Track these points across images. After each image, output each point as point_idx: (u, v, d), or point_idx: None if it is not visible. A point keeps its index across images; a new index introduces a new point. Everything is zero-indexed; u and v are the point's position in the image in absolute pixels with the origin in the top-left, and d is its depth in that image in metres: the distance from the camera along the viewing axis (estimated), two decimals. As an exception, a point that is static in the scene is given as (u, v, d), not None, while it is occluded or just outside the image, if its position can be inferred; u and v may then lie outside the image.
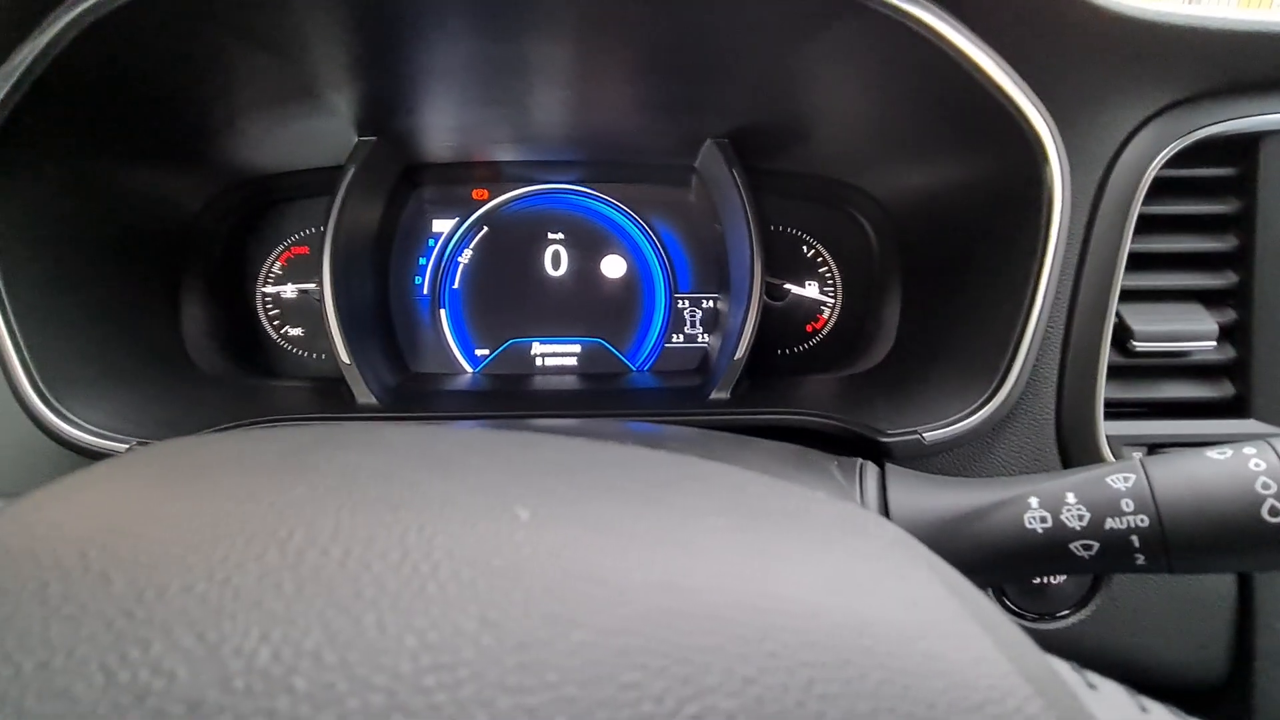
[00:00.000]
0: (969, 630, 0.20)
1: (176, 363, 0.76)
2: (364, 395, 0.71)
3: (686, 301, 0.90)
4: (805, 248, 0.90)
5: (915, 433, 0.63)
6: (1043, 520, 0.46)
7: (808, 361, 0.88)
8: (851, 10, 0.51)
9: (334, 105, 0.70)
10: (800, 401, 0.73)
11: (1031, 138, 0.58)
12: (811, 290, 0.90)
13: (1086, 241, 0.64)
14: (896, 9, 0.51)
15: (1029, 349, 0.61)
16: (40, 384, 0.59)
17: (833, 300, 0.90)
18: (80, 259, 0.65)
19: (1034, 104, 0.57)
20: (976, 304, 0.67)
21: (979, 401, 0.63)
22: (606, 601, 0.17)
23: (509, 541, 0.18)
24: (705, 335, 0.90)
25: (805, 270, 0.89)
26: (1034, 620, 0.67)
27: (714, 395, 0.73)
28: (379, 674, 0.15)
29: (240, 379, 0.79)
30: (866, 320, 0.87)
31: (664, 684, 0.15)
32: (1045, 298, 0.61)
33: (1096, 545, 0.45)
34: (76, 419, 0.60)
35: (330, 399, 0.74)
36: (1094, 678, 0.24)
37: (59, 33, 0.50)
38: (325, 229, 0.74)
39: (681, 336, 0.90)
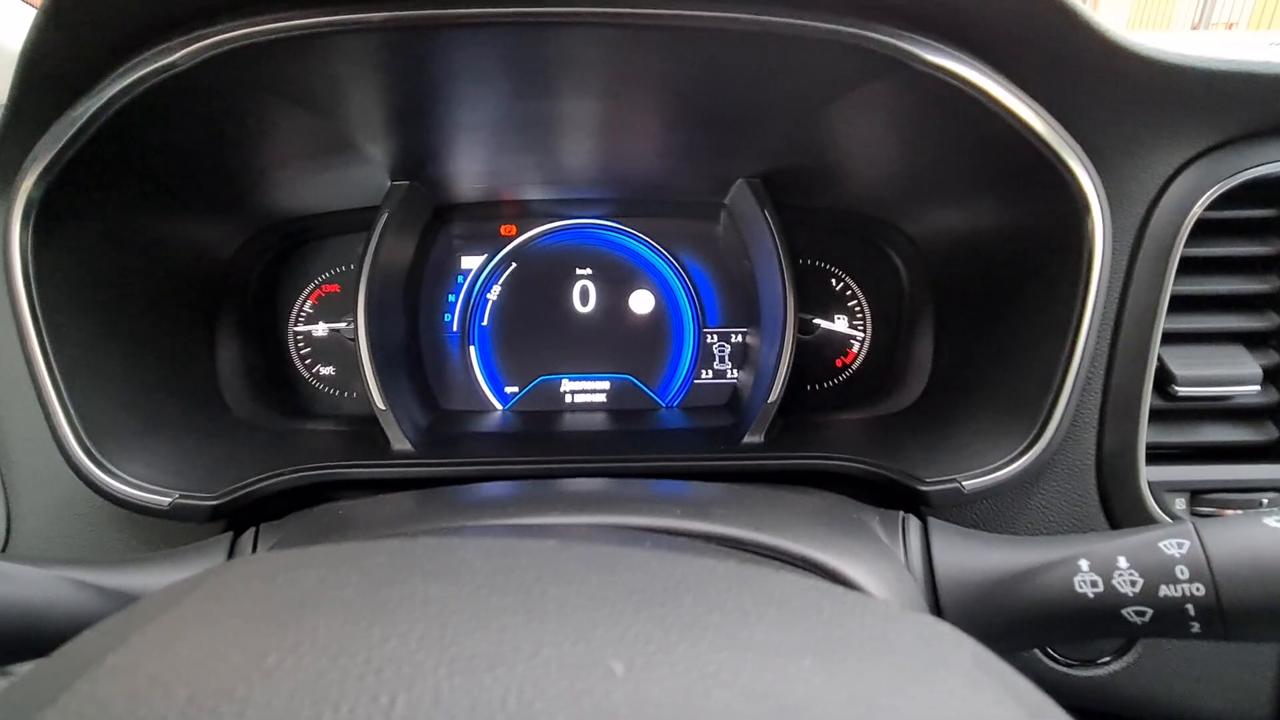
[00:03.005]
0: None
1: (212, 409, 0.76)
2: (399, 441, 0.71)
3: (715, 336, 0.90)
4: (834, 281, 0.90)
5: (955, 481, 0.62)
6: (1094, 584, 0.46)
7: (838, 397, 0.88)
8: (893, 68, 0.51)
9: (370, 155, 0.71)
10: (833, 444, 0.73)
11: (1072, 185, 0.58)
12: (841, 325, 0.89)
13: (1127, 284, 0.64)
14: (938, 67, 0.51)
15: (1071, 394, 0.61)
16: (85, 439, 0.59)
17: (862, 335, 0.89)
18: (121, 310, 0.66)
19: (1075, 152, 0.57)
20: (1015, 346, 0.66)
21: (1020, 448, 0.62)
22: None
23: (608, 701, 0.18)
24: (734, 370, 0.90)
25: (834, 304, 0.89)
26: (1075, 667, 0.66)
27: (748, 439, 0.73)
28: None
29: (274, 422, 0.80)
30: (897, 356, 0.86)
31: None
32: (1087, 342, 0.60)
33: (1150, 612, 0.44)
34: (119, 472, 0.60)
35: (365, 444, 0.74)
36: None
37: (116, 95, 0.51)
38: (360, 272, 0.74)
39: (710, 372, 0.90)
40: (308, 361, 0.88)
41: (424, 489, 0.60)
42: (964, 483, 0.62)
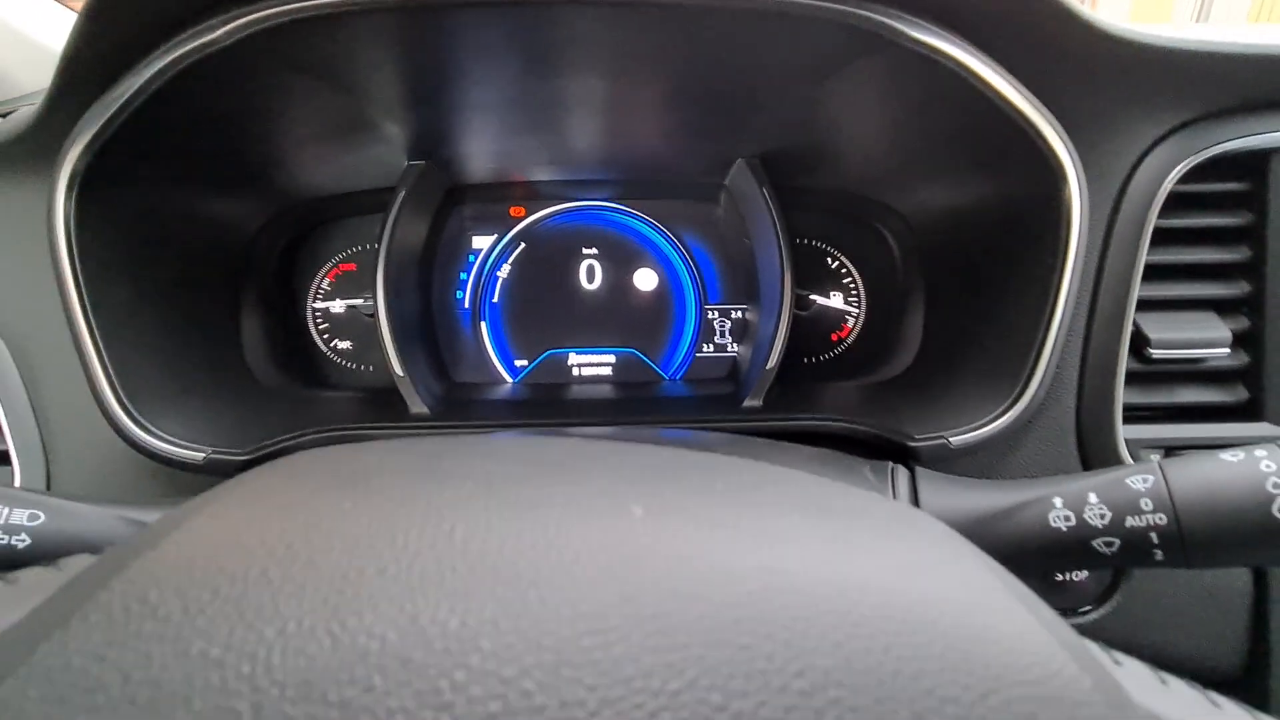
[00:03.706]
0: (1014, 607, 0.23)
1: (239, 376, 0.80)
2: (417, 405, 0.75)
3: (716, 312, 0.94)
4: (830, 260, 0.93)
5: (942, 437, 0.66)
6: (1066, 519, 0.50)
7: (832, 369, 0.92)
8: (880, 46, 0.55)
9: (387, 133, 0.74)
10: (828, 407, 0.77)
11: (1051, 159, 0.61)
12: (836, 301, 0.93)
13: (1104, 253, 0.68)
14: (924, 44, 0.54)
15: (1050, 356, 0.65)
16: (124, 398, 0.63)
17: (857, 310, 0.93)
18: (155, 280, 0.70)
19: (1053, 127, 0.60)
20: (999, 314, 0.70)
21: (1003, 407, 0.66)
22: (720, 581, 0.21)
23: (632, 533, 0.22)
24: (734, 345, 0.94)
25: (830, 281, 0.93)
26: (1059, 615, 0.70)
27: (747, 402, 0.77)
28: (547, 636, 0.19)
29: (296, 390, 0.84)
30: (889, 329, 0.90)
31: (772, 646, 0.19)
32: (1065, 308, 0.64)
33: (1118, 542, 0.48)
34: (155, 429, 0.64)
35: (384, 409, 0.78)
36: (1119, 655, 0.28)
37: (157, 72, 0.55)
38: (379, 249, 0.78)
39: (711, 346, 0.94)
40: (326, 336, 0.92)
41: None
42: (951, 438, 0.66)
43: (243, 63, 0.57)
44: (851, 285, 0.94)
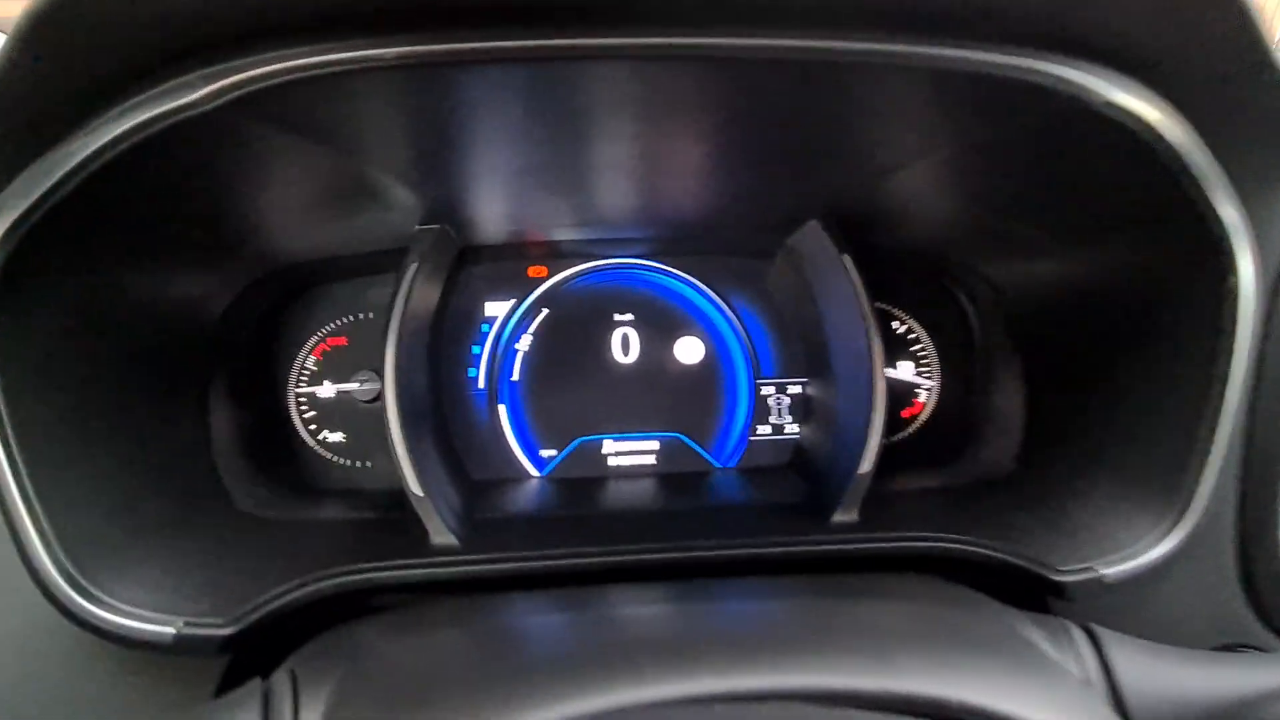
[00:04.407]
0: None
1: (211, 500, 0.65)
2: (440, 534, 0.60)
3: (772, 387, 0.82)
4: (895, 323, 0.82)
5: (1091, 568, 0.55)
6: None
7: (909, 455, 0.80)
8: (1047, 102, 0.43)
9: (396, 199, 0.60)
10: (930, 518, 0.65)
11: (1216, 226, 0.51)
12: (905, 372, 0.82)
13: (1265, 336, 0.57)
14: (1117, 106, 0.43)
15: (1217, 462, 0.54)
16: (64, 559, 0.47)
17: (930, 383, 0.82)
18: (99, 390, 0.54)
19: (1225, 188, 0.50)
20: (1139, 407, 0.59)
21: (1162, 526, 0.55)
22: None
23: None
24: (794, 424, 0.82)
25: (897, 349, 0.82)
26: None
27: (839, 517, 0.64)
28: None
29: (283, 508, 0.68)
30: (974, 408, 0.79)
31: None
32: (1234, 401, 0.53)
33: None
34: (108, 598, 0.49)
35: (395, 534, 0.63)
36: None
37: (113, 140, 0.40)
38: (389, 324, 0.63)
39: (768, 427, 0.82)
40: (313, 428, 0.77)
41: (480, 623, 0.50)
42: (1103, 570, 0.55)
43: (223, 124, 0.42)
44: (923, 354, 0.82)
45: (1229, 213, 0.50)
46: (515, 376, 0.80)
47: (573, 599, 0.52)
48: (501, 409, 0.79)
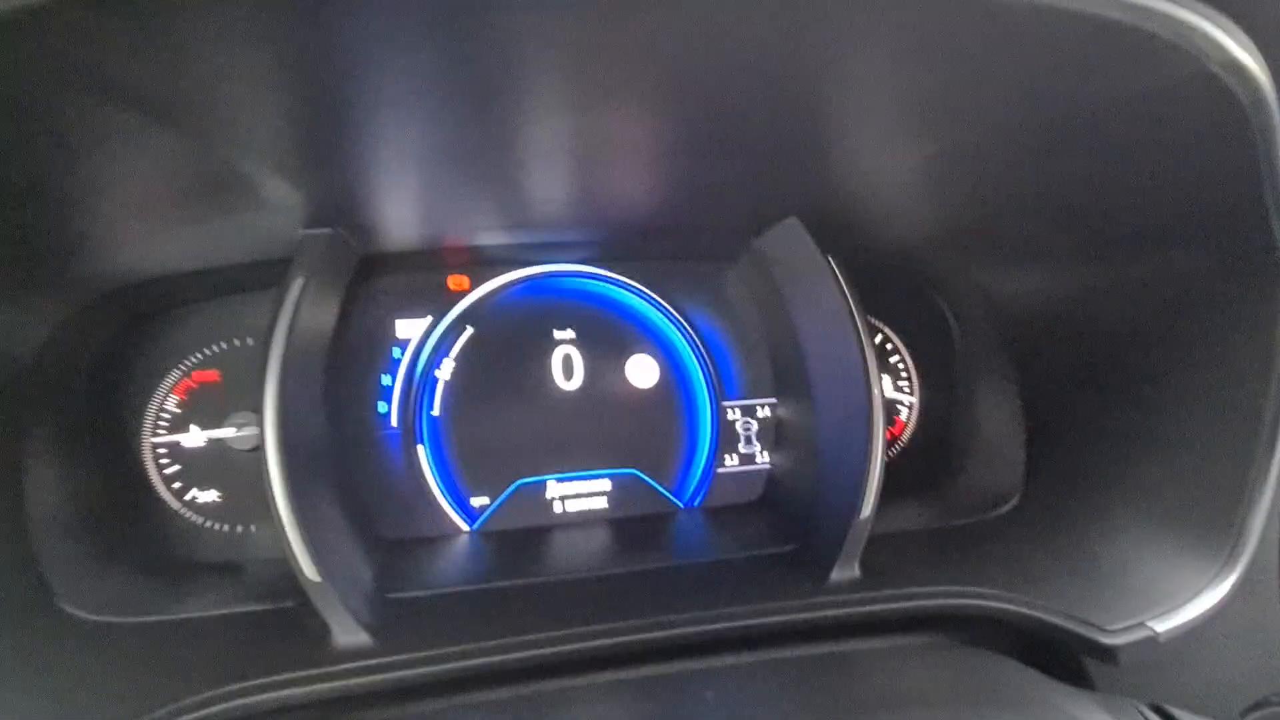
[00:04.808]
0: None
1: (37, 612, 0.48)
2: (346, 630, 0.46)
3: (738, 410, 0.71)
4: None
5: (1143, 625, 0.47)
6: None
7: (892, 480, 0.70)
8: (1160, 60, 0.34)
9: (274, 197, 0.46)
10: (934, 564, 0.56)
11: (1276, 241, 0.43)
12: (885, 387, 0.73)
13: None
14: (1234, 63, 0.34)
15: (1269, 494, 0.47)
16: None
17: (910, 400, 0.73)
18: None
19: None
20: (1177, 436, 0.52)
21: (1213, 569, 0.48)
22: None
23: None
24: (765, 453, 0.71)
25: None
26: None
27: (838, 574, 0.54)
28: None
29: (140, 605, 0.52)
30: (959, 426, 0.71)
31: None
32: (1287, 431, 0.46)
33: None
34: None
35: (288, 630, 0.48)
36: None
37: None
38: (268, 351, 0.49)
39: (736, 457, 0.71)
40: (177, 486, 0.61)
41: None
42: (1155, 626, 0.46)
43: (19, 92, 0.28)
44: (901, 367, 0.74)
45: None
46: (436, 411, 0.66)
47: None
48: (420, 450, 0.65)
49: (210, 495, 0.61)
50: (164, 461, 0.61)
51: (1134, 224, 0.50)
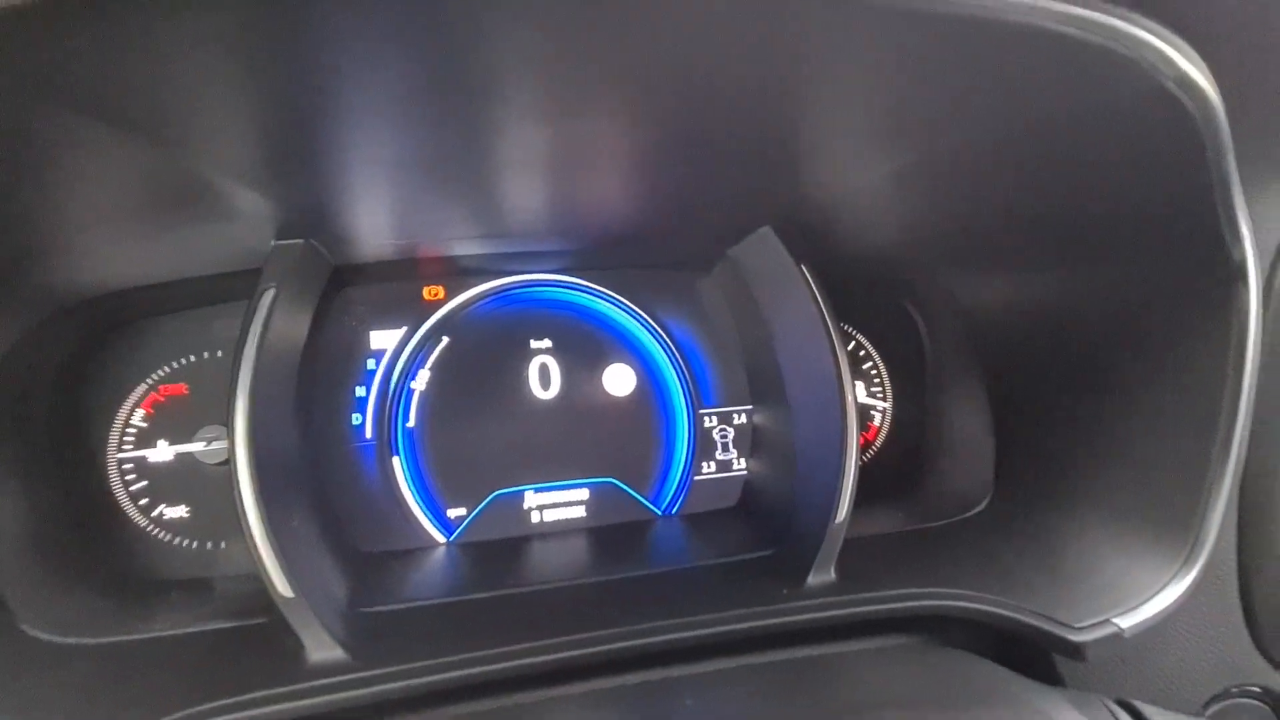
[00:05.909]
0: None
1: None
2: (320, 646, 0.46)
3: (715, 418, 0.72)
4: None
5: (1109, 621, 0.48)
6: None
7: (866, 483, 0.71)
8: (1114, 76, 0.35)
9: (243, 207, 0.45)
10: (907, 566, 0.57)
11: (1229, 238, 0.45)
12: (858, 393, 0.74)
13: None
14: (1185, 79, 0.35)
15: (1224, 492, 0.49)
16: None
17: (883, 404, 0.75)
18: None
19: (1243, 206, 0.44)
20: (1137, 437, 0.53)
21: (1174, 565, 0.49)
22: None
23: None
24: (742, 459, 0.72)
25: (847, 368, 0.74)
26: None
27: (815, 578, 0.54)
28: None
29: (101, 625, 0.51)
30: (930, 430, 0.72)
31: None
32: (1242, 430, 0.48)
33: None
34: None
35: (261, 645, 0.48)
36: None
37: None
38: (238, 364, 0.48)
39: (713, 464, 0.71)
40: (144, 502, 0.60)
41: None
42: (1120, 622, 0.48)
43: None
44: (874, 373, 0.75)
45: (1244, 230, 0.45)
46: (411, 422, 0.65)
47: None
48: (396, 463, 0.65)
49: (179, 511, 0.60)
50: (130, 477, 0.60)
51: (1096, 233, 0.52)
